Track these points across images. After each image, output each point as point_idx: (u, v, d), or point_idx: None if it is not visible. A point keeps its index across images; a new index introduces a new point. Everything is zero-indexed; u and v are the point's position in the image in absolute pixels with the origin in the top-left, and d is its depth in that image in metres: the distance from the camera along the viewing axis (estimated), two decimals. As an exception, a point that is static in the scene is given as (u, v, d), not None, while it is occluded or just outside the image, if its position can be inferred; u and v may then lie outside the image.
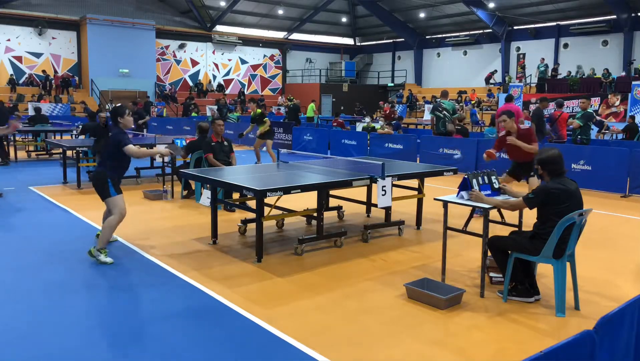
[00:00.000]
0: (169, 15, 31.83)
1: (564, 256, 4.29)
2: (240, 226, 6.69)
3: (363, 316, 4.23)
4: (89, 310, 4.29)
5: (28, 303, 4.39)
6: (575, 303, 4.47)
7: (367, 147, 14.77)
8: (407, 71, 35.02)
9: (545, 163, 4.34)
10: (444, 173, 6.95)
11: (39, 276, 5.03)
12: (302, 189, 5.58)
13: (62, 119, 20.75)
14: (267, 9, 32.66)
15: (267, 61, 35.70)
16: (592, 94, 21.92)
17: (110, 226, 5.48)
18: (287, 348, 3.69)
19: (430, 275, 5.05)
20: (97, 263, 5.36)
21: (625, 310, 2.61)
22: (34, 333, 3.83)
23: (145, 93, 28.73)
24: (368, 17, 34.82)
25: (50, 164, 12.68)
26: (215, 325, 4.05)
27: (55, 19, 27.78)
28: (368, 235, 6.46)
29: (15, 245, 6.07)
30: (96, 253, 5.42)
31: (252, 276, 5.13)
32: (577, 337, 2.21)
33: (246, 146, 18.65)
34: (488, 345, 3.79)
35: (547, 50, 28.04)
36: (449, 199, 4.84)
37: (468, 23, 30.64)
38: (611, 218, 8.05)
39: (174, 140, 9.58)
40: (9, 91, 26.00)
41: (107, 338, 3.81)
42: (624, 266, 5.67)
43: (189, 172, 6.54)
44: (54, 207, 8.10)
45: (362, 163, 7.37)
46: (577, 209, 4.23)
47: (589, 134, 11.73)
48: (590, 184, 10.14)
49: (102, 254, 5.39)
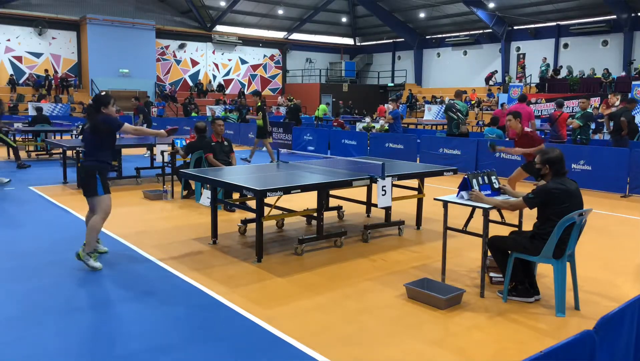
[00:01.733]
0: (169, 15, 31.82)
1: (564, 256, 4.29)
2: (240, 226, 6.69)
3: (363, 316, 4.23)
4: (89, 310, 4.29)
5: (28, 303, 4.39)
6: (575, 303, 4.47)
7: (367, 147, 14.77)
8: (407, 71, 35.01)
9: (552, 163, 4.34)
10: (444, 173, 6.95)
11: (38, 276, 5.03)
12: (302, 189, 5.58)
13: (62, 119, 20.74)
14: (267, 9, 32.66)
15: (267, 61, 35.69)
16: (592, 94, 21.91)
17: (95, 228, 5.12)
18: (287, 348, 3.69)
19: (430, 275, 5.05)
20: (87, 267, 5.11)
21: (625, 310, 2.61)
22: (33, 334, 3.84)
23: (145, 93, 28.72)
24: (368, 17, 34.80)
25: (50, 164, 12.67)
26: (215, 324, 4.05)
27: (55, 19, 27.77)
28: (368, 235, 6.46)
29: (15, 245, 6.07)
30: (85, 257, 5.12)
31: (252, 276, 5.13)
32: (577, 337, 2.21)
33: (246, 146, 18.67)
34: (488, 345, 3.79)
35: (547, 50, 28.03)
36: (449, 199, 4.84)
37: (468, 23, 30.63)
38: (611, 218, 8.05)
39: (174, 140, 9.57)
40: (9, 91, 26.00)
41: (106, 337, 3.81)
42: (624, 266, 5.67)
43: (189, 172, 6.54)
44: (54, 207, 8.10)
45: (362, 163, 7.38)
46: (577, 209, 4.23)
47: (589, 134, 11.73)
48: (590, 184, 10.13)
49: (92, 259, 5.11)
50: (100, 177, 5.12)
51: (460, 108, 12.37)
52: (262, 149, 13.20)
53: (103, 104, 5.12)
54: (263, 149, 13.23)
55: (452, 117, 12.45)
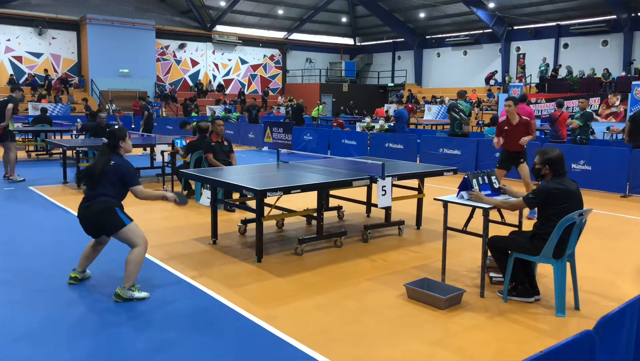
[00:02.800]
0: (169, 15, 31.83)
1: (564, 256, 4.29)
2: (240, 226, 6.69)
3: (363, 316, 4.23)
4: (88, 310, 4.29)
5: (27, 304, 4.39)
6: (575, 303, 4.47)
7: (367, 147, 14.77)
8: (407, 71, 35.01)
9: (552, 163, 4.34)
10: (444, 173, 6.95)
11: (38, 277, 5.03)
12: (302, 189, 5.58)
13: (62, 119, 20.74)
14: (267, 9, 32.66)
15: (267, 61, 35.70)
16: (592, 94, 21.92)
17: (138, 261, 4.58)
18: (287, 348, 3.69)
19: (430, 275, 5.05)
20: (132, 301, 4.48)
21: (625, 310, 2.61)
22: (33, 334, 3.84)
23: (145, 93, 28.72)
24: (368, 17, 34.81)
25: (50, 164, 12.67)
26: (215, 325, 4.05)
27: (55, 19, 27.78)
28: (368, 235, 6.46)
29: (15, 245, 6.07)
30: (127, 292, 4.50)
31: (252, 276, 5.12)
32: (577, 337, 2.21)
33: (246, 146, 18.68)
34: (488, 345, 3.79)
35: (547, 50, 28.03)
36: (449, 199, 4.85)
37: (468, 23, 30.63)
38: (611, 217, 8.05)
39: (174, 140, 9.57)
40: (9, 91, 25.94)
41: (104, 336, 3.81)
42: (624, 266, 5.67)
43: (189, 172, 6.54)
44: (53, 207, 8.10)
45: (362, 163, 7.38)
46: (577, 209, 4.23)
47: (589, 133, 11.72)
48: (590, 184, 10.14)
49: (136, 291, 4.55)
50: (120, 209, 4.71)
51: (463, 108, 12.34)
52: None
53: (120, 138, 4.91)
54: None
55: (454, 117, 12.44)
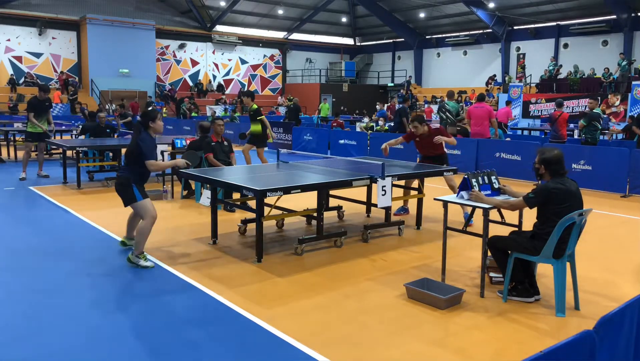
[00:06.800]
0: (169, 15, 31.83)
1: (564, 256, 4.29)
2: (240, 226, 6.69)
3: (363, 316, 4.23)
4: (88, 310, 4.29)
5: (27, 304, 4.39)
6: (575, 303, 4.47)
7: (367, 147, 14.77)
8: (407, 71, 35.01)
9: (549, 163, 4.34)
10: (444, 173, 6.95)
11: (38, 277, 5.03)
12: (302, 189, 5.58)
13: (62, 119, 20.74)
14: (267, 9, 32.66)
15: (267, 61, 35.70)
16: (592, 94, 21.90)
17: (143, 232, 5.29)
18: (287, 348, 3.69)
19: (430, 275, 5.05)
20: (138, 267, 5.24)
21: (625, 310, 2.60)
22: (33, 334, 3.83)
23: (145, 93, 28.73)
24: (368, 17, 34.81)
25: (50, 164, 12.66)
26: (215, 324, 4.05)
27: (55, 19, 27.78)
28: (368, 235, 6.46)
29: (15, 245, 6.07)
30: (135, 258, 5.30)
31: (252, 276, 5.12)
32: (577, 337, 2.21)
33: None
34: (488, 345, 3.79)
35: (547, 50, 28.04)
36: (449, 199, 4.85)
37: (468, 23, 30.63)
38: (611, 217, 8.05)
39: (174, 140, 9.57)
40: (9, 91, 25.99)
41: (105, 337, 3.81)
42: (624, 266, 5.67)
43: (189, 172, 6.54)
44: (54, 207, 8.09)
45: (362, 163, 7.38)
46: (577, 209, 4.23)
47: (595, 133, 11.63)
48: (590, 184, 10.13)
49: (142, 259, 5.29)
50: (137, 185, 5.28)
51: (450, 109, 12.31)
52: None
53: (151, 119, 5.35)
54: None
55: (442, 117, 12.46)
